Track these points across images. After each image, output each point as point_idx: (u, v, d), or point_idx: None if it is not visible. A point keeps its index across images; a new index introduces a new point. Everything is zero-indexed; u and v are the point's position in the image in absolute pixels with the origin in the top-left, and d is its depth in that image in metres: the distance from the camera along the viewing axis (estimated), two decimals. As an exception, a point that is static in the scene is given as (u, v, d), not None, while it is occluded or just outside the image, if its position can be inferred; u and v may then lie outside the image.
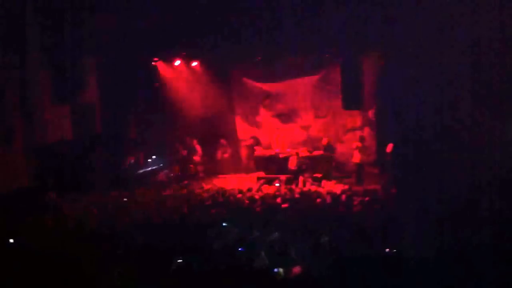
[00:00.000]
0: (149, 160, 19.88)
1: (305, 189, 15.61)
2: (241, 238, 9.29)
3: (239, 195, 14.42)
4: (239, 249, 8.64)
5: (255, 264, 7.72)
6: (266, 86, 20.39)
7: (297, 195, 13.95)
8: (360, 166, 17.46)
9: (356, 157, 17.51)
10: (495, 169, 11.10)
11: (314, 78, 19.67)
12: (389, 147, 15.66)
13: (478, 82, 11.50)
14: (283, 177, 17.31)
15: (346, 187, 15.39)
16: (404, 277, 6.72)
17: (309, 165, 17.86)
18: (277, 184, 16.23)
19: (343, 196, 13.13)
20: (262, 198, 13.81)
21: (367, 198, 12.54)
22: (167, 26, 15.90)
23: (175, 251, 8.17)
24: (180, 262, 7.60)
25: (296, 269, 7.38)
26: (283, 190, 15.23)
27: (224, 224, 10.17)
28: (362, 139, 17.76)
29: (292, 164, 17.86)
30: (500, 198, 10.22)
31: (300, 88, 19.94)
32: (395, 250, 7.73)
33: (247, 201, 13.43)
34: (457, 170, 11.40)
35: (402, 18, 13.05)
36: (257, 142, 20.37)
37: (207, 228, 9.89)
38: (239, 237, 9.33)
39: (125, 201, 14.09)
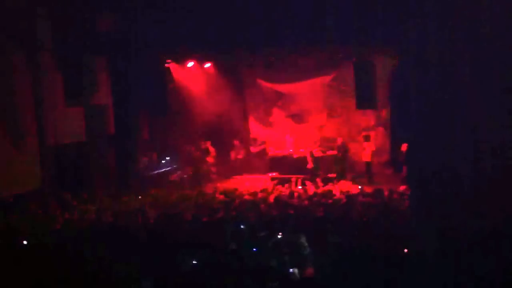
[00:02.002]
0: (162, 161, 19.90)
1: (320, 189, 15.50)
2: (255, 239, 9.25)
3: (252, 196, 14.35)
4: (253, 249, 8.61)
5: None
6: (279, 87, 20.37)
7: (311, 196, 13.86)
8: (369, 164, 17.44)
9: (365, 156, 17.52)
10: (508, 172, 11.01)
11: (327, 78, 19.62)
12: (404, 146, 15.58)
13: (494, 83, 11.37)
14: (297, 177, 17.23)
15: (360, 187, 15.28)
16: (414, 275, 6.70)
17: (323, 165, 17.81)
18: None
19: (356, 197, 13.07)
20: (276, 198, 13.73)
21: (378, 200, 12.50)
22: (179, 27, 15.89)
23: (187, 252, 8.14)
24: (193, 263, 7.58)
25: (310, 270, 7.33)
26: (298, 190, 15.11)
27: (237, 225, 10.14)
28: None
29: (307, 164, 17.83)
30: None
31: (313, 89, 19.88)
32: (406, 249, 7.72)
33: (260, 202, 13.37)
34: (472, 172, 11.31)
35: (415, 16, 12.93)
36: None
37: (220, 229, 9.85)
38: (253, 238, 9.29)
39: (138, 202, 14.11)
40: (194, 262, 7.64)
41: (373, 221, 10.04)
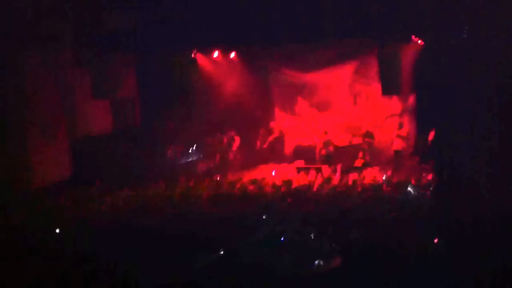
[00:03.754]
0: (188, 151, 20.03)
1: (344, 178, 15.44)
2: (279, 230, 9.29)
3: (278, 186, 14.37)
4: (281, 239, 8.67)
5: None
6: (304, 76, 20.24)
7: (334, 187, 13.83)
8: (398, 153, 17.25)
9: (396, 145, 17.31)
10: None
11: (352, 65, 19.44)
12: (432, 135, 15.37)
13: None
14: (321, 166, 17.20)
15: (385, 175, 15.16)
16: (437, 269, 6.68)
17: (348, 154, 17.73)
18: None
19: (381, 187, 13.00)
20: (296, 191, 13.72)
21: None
22: (204, 17, 15.92)
23: (212, 244, 8.23)
24: (215, 255, 7.67)
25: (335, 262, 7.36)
26: (321, 180, 15.08)
27: (262, 216, 10.21)
28: (401, 125, 17.53)
29: (331, 153, 17.79)
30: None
31: (338, 77, 19.72)
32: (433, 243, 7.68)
33: (285, 192, 13.40)
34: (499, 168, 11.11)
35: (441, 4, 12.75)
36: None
37: (245, 221, 9.93)
38: (276, 230, 9.33)
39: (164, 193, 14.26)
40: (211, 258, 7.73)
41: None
